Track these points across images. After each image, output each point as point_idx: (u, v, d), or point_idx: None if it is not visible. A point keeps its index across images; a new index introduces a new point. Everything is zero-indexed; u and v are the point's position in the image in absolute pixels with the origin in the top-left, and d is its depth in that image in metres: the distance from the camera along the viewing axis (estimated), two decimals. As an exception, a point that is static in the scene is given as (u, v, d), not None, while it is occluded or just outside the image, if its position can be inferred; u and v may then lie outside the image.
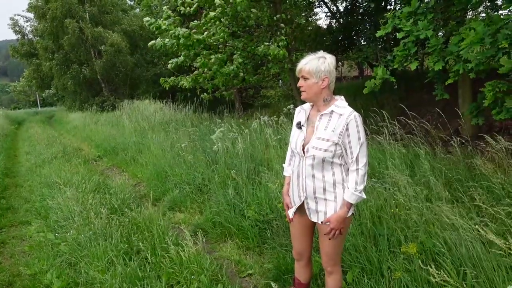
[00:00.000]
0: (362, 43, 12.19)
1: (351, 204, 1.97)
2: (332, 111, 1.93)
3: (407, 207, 2.90)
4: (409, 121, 4.55)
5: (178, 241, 3.22)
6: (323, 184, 1.98)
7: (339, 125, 1.89)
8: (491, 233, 2.13)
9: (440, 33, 5.15)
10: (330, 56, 1.93)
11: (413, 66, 4.56)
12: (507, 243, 2.07)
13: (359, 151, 1.91)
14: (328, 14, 13.36)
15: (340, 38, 12.52)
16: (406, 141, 4.58)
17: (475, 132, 5.68)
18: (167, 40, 6.85)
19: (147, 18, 6.67)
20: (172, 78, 9.17)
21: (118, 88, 20.62)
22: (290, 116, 6.55)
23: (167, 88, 9.00)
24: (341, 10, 13.11)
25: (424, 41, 4.52)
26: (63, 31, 18.06)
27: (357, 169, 1.93)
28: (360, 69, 18.25)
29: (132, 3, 26.10)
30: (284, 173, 2.27)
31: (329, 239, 2.01)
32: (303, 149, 1.99)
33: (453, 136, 4.35)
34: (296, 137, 2.05)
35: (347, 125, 1.87)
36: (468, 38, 3.70)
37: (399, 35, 4.55)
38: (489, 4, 4.46)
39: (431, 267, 2.13)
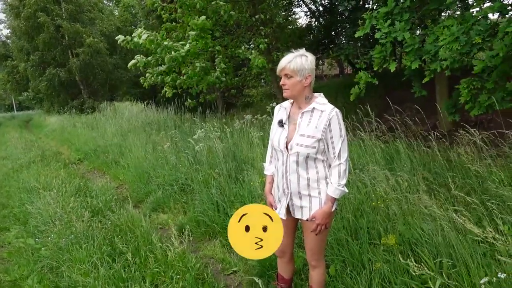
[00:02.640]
0: (343, 41, 12.36)
1: (335, 199, 2.01)
2: (314, 108, 1.96)
3: (386, 200, 2.98)
4: (389, 118, 4.67)
5: (162, 241, 3.20)
6: (307, 181, 2.00)
7: (321, 121, 1.92)
8: (468, 221, 2.21)
9: (418, 32, 5.28)
10: (310, 54, 1.94)
11: (391, 67, 4.66)
12: (485, 231, 2.14)
13: (340, 147, 1.96)
14: (308, 13, 13.47)
15: (320, 37, 12.66)
16: (387, 137, 4.70)
17: (452, 127, 5.87)
18: (149, 58, 6.82)
19: (120, 37, 6.54)
20: (152, 77, 9.04)
21: (97, 90, 20.24)
22: (273, 114, 6.59)
23: (147, 87, 8.89)
24: (321, 9, 13.26)
25: (402, 41, 4.64)
26: (38, 30, 17.60)
27: (340, 164, 1.98)
28: (341, 68, 18.51)
29: (110, 3, 25.75)
30: (266, 172, 2.25)
31: (316, 234, 2.04)
32: (286, 147, 1.99)
33: (430, 132, 4.48)
34: (278, 135, 2.04)
35: (330, 121, 1.92)
36: (442, 37, 3.83)
37: (377, 35, 4.66)
38: (460, 5, 4.60)
39: (410, 258, 2.21)
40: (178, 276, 2.59)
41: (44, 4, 17.24)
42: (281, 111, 2.11)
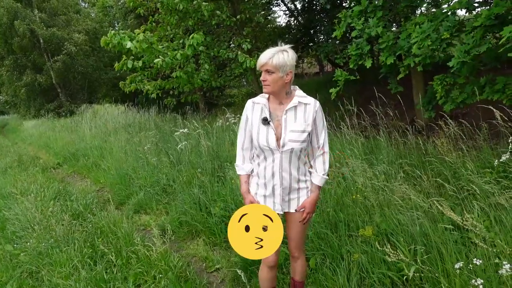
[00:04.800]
0: (322, 39, 12.50)
1: (320, 187, 2.08)
2: (299, 102, 1.95)
3: (364, 192, 3.06)
4: (369, 113, 4.78)
5: (145, 241, 3.20)
6: (297, 175, 2.02)
7: (308, 114, 1.95)
8: (448, 209, 2.27)
9: (394, 29, 5.41)
10: (291, 50, 1.90)
11: (367, 64, 4.77)
12: (463, 218, 2.21)
13: (324, 137, 2.03)
14: (287, 12, 13.57)
15: (299, 35, 12.77)
16: (367, 132, 4.82)
17: (428, 121, 6.04)
18: (140, 62, 6.75)
19: (104, 38, 6.41)
20: (133, 85, 8.99)
21: (76, 92, 19.83)
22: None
23: (127, 92, 8.85)
24: (299, 7, 13.38)
25: (377, 38, 4.75)
26: (11, 35, 17.13)
27: (323, 153, 2.05)
28: (321, 66, 18.70)
29: (85, 5, 25.22)
30: (240, 172, 2.14)
31: (304, 223, 2.08)
32: (277, 144, 1.94)
33: (408, 126, 4.60)
34: (265, 133, 1.95)
35: (316, 113, 1.96)
36: (414, 34, 3.94)
37: (353, 34, 4.76)
38: (430, 1, 4.75)
39: (386, 247, 2.28)
40: (160, 275, 2.60)
41: (15, 11, 16.76)
42: (257, 108, 2.01)
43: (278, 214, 2.04)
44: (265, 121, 1.96)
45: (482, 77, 4.08)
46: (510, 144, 2.72)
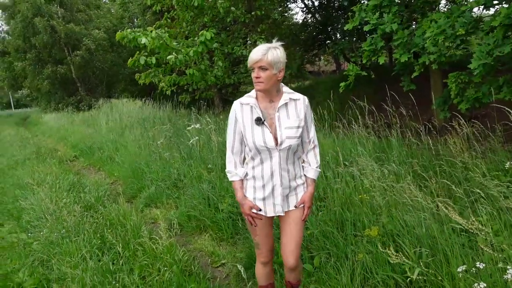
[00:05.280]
0: (338, 37, 12.38)
1: (315, 180, 2.08)
2: (290, 98, 1.94)
3: (372, 191, 3.02)
4: (382, 113, 4.72)
5: (152, 234, 3.25)
6: (294, 171, 2.01)
7: (300, 109, 1.95)
8: (453, 211, 2.23)
9: (413, 26, 5.29)
10: (281, 47, 1.87)
11: (381, 60, 4.70)
12: (468, 222, 2.16)
13: (313, 131, 2.04)
14: (304, 9, 13.46)
15: (315, 33, 12.67)
16: (380, 131, 4.75)
17: (443, 122, 5.90)
18: (153, 58, 6.81)
19: (119, 33, 6.53)
20: (148, 77, 9.12)
21: (95, 87, 20.25)
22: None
23: (142, 84, 8.95)
24: (316, 4, 13.25)
25: (392, 35, 4.67)
26: (33, 31, 17.62)
27: (314, 146, 2.06)
28: (337, 64, 18.48)
29: (107, 0, 25.64)
30: (233, 178, 2.04)
31: (304, 220, 2.05)
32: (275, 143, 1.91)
33: (425, 126, 4.50)
34: (260, 134, 1.90)
35: (306, 108, 1.97)
36: (429, 30, 3.86)
37: (365, 28, 4.69)
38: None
39: (390, 249, 2.25)
40: (165, 268, 2.64)
41: (38, 6, 17.21)
42: (246, 109, 1.94)
43: (278, 216, 2.05)
44: (259, 121, 1.90)
45: (500, 76, 3.96)
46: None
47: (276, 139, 1.90)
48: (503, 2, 3.78)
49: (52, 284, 2.70)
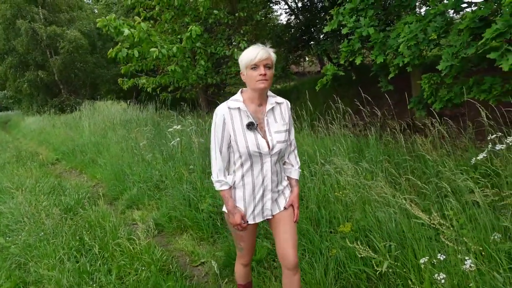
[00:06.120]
0: (321, 38, 12.54)
1: (298, 181, 2.12)
2: (276, 102, 1.94)
3: (347, 189, 3.10)
4: (365, 113, 4.83)
5: (132, 235, 3.27)
6: (281, 174, 2.03)
7: (285, 113, 1.96)
8: (417, 208, 2.34)
9: (388, 28, 5.43)
10: None
11: (357, 61, 4.81)
12: (431, 217, 2.28)
13: (293, 133, 2.06)
14: (288, 10, 13.60)
15: (298, 34, 12.80)
16: (358, 131, 4.86)
17: (421, 121, 6.06)
18: (135, 51, 6.71)
19: (100, 20, 6.31)
20: (131, 79, 9.14)
21: (78, 89, 19.97)
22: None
23: (126, 89, 8.94)
24: (300, 6, 13.40)
25: (368, 37, 4.78)
26: (15, 33, 17.28)
27: (295, 148, 2.09)
28: (322, 64, 18.70)
29: (89, 1, 25.34)
30: (224, 187, 1.94)
31: (296, 221, 2.05)
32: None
33: (400, 125, 4.62)
34: (253, 139, 1.85)
35: (289, 111, 2.00)
36: (402, 33, 3.97)
37: (343, 31, 4.80)
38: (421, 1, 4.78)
39: (361, 244, 2.33)
40: (143, 268, 2.66)
41: (18, 6, 16.87)
42: (235, 113, 1.87)
43: (267, 219, 2.04)
44: (251, 126, 1.85)
45: (471, 77, 4.10)
46: (489, 143, 2.75)
47: (267, 144, 1.87)
48: (472, 5, 3.93)
49: (29, 286, 2.69)
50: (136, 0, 8.50)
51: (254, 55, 1.78)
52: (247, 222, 1.98)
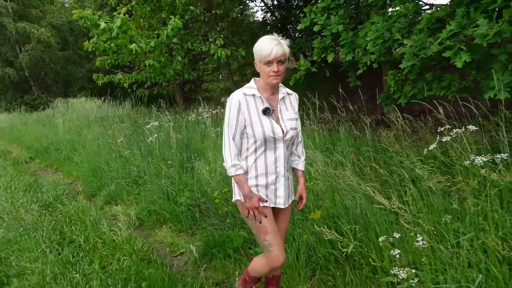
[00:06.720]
0: (297, 35, 12.77)
1: (304, 172, 2.18)
2: (287, 92, 2.04)
3: (318, 179, 3.32)
4: (339, 108, 5.07)
5: (112, 228, 3.36)
6: (289, 163, 2.09)
7: (294, 103, 2.06)
8: (379, 194, 2.56)
9: (360, 26, 5.68)
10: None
11: (329, 58, 5.04)
12: (390, 202, 2.51)
13: (300, 124, 2.11)
14: (264, 7, 13.74)
15: (274, 31, 12.97)
16: (330, 125, 5.11)
17: (395, 116, 6.38)
18: (112, 44, 6.62)
19: (76, 12, 6.23)
20: (107, 76, 9.06)
21: (50, 86, 19.43)
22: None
23: (100, 85, 8.87)
24: (275, 4, 13.58)
25: (340, 35, 5.01)
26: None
27: (301, 139, 2.15)
28: (298, 61, 19.00)
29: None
30: (239, 172, 1.93)
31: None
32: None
33: (372, 119, 4.88)
34: (269, 124, 1.90)
35: (297, 102, 2.09)
36: (370, 32, 4.22)
37: (315, 28, 5.00)
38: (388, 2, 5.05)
39: (330, 229, 2.54)
40: (124, 257, 2.78)
41: None
42: (250, 99, 1.92)
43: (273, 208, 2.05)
44: (267, 112, 1.91)
45: (434, 73, 4.40)
46: (438, 135, 3.01)
47: (281, 129, 1.94)
48: (432, 7, 4.22)
49: (12, 279, 2.75)
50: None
51: (268, 52, 1.80)
52: (266, 201, 1.97)
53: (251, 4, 18.42)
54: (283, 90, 2.02)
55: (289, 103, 2.04)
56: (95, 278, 2.51)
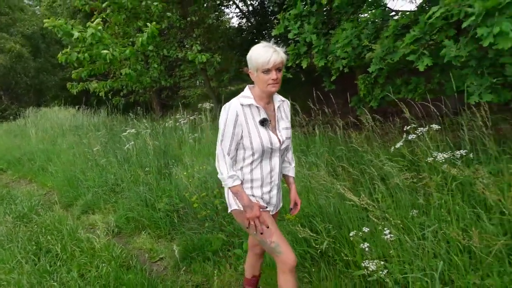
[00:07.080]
0: (273, 41, 12.94)
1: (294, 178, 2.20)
2: (281, 100, 2.02)
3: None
4: (314, 112, 5.22)
5: (90, 236, 3.35)
6: (282, 170, 2.11)
7: (287, 110, 2.05)
8: (349, 191, 2.68)
9: (331, 31, 5.86)
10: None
11: (304, 64, 5.19)
12: (360, 198, 2.63)
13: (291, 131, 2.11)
14: (239, 13, 13.90)
15: (250, 37, 13.15)
16: (308, 130, 5.25)
17: (362, 118, 6.59)
18: (86, 54, 6.50)
19: (47, 21, 6.13)
20: (81, 83, 8.92)
21: (21, 95, 18.87)
22: (210, 113, 6.90)
23: (74, 93, 8.74)
24: (251, 9, 13.75)
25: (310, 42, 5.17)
26: None
27: (292, 146, 2.17)
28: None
29: (30, 2, 24.02)
30: (236, 182, 1.89)
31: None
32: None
33: (346, 123, 5.03)
34: (266, 135, 1.89)
35: (289, 109, 2.09)
36: (340, 39, 4.39)
37: (289, 36, 5.15)
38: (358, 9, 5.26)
39: (305, 228, 2.64)
40: (103, 265, 2.78)
41: None
42: (247, 110, 1.89)
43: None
44: (265, 122, 1.89)
45: (402, 77, 4.61)
46: (404, 134, 3.18)
47: (278, 139, 1.94)
48: (398, 13, 4.44)
49: (-14, 291, 2.70)
50: (85, 2, 8.32)
51: (266, 60, 1.77)
52: (266, 207, 1.99)
53: (227, 10, 18.55)
54: (278, 98, 2.01)
55: (283, 111, 2.03)
56: (73, 285, 2.51)
